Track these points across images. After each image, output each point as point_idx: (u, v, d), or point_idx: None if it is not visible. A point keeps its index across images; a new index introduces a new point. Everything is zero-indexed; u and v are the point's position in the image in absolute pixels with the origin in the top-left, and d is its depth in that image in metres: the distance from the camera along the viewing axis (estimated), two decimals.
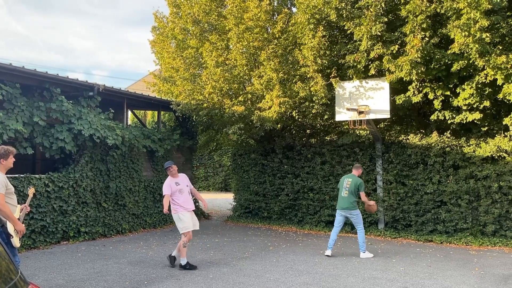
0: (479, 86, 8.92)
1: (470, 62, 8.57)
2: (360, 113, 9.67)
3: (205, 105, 11.47)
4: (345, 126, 12.10)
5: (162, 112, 13.76)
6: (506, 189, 9.17)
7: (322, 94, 9.93)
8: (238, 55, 10.99)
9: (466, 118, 9.34)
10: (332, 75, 9.96)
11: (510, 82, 8.40)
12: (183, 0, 13.10)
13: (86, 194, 9.71)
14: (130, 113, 16.09)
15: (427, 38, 8.64)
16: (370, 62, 9.47)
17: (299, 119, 12.39)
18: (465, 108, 9.30)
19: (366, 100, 9.81)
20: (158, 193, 11.96)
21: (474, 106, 9.18)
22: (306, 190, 11.81)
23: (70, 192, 9.34)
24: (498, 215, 9.22)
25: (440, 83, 9.53)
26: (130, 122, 21.24)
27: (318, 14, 9.81)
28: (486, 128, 9.80)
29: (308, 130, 13.00)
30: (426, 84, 9.57)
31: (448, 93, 9.44)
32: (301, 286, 5.94)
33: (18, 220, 4.76)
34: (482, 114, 9.22)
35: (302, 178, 11.96)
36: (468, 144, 9.78)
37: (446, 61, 8.89)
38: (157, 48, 14.55)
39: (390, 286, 5.99)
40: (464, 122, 9.54)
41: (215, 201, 19.50)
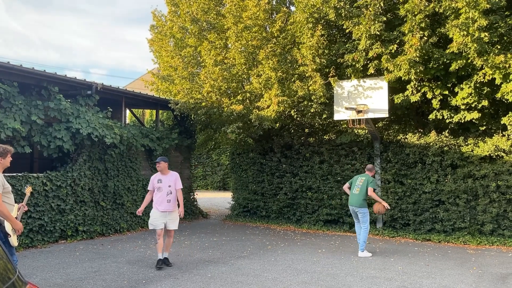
0: (478, 85, 8.93)
1: (469, 61, 8.58)
2: (358, 112, 9.68)
3: (203, 104, 11.46)
4: (343, 125, 12.11)
5: (160, 111, 13.75)
6: (504, 188, 9.19)
7: (321, 93, 9.93)
8: (237, 54, 10.98)
9: (464, 117, 9.36)
10: (330, 74, 9.96)
11: (508, 81, 8.41)
12: None
13: (84, 193, 9.69)
14: (128, 112, 16.07)
15: (426, 38, 8.64)
16: (368, 61, 9.47)
17: (298, 118, 12.40)
18: (463, 107, 9.32)
19: (364, 99, 9.81)
20: None
21: (472, 105, 9.19)
22: (305, 189, 11.82)
23: (68, 191, 9.32)
24: (496, 214, 9.24)
25: (438, 83, 9.55)
26: (128, 121, 21.22)
27: (317, 13, 9.80)
28: (484, 127, 9.82)
29: (306, 129, 12.99)
30: (424, 83, 9.58)
31: (446, 92, 9.45)
32: (299, 285, 5.95)
33: (15, 219, 4.75)
34: (480, 114, 9.24)
35: (300, 177, 11.97)
36: (466, 143, 9.80)
37: (445, 60, 8.90)
38: (155, 46, 14.53)
39: (388, 285, 6.00)
40: (462, 122, 9.56)
41: (213, 200, 19.50)
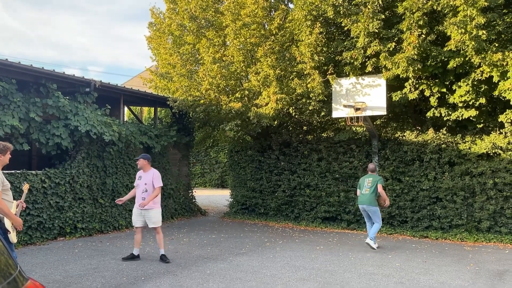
0: (475, 83, 8.97)
1: (466, 59, 8.61)
2: (356, 109, 9.71)
3: (202, 101, 11.46)
4: (341, 123, 12.14)
5: (158, 108, 13.74)
6: (501, 185, 9.24)
7: (319, 91, 9.95)
8: (235, 52, 10.98)
9: (462, 115, 9.40)
10: (329, 72, 9.98)
11: (505, 79, 8.45)
12: None
13: (83, 190, 9.70)
14: (126, 109, 16.06)
15: (424, 35, 8.67)
16: (367, 59, 9.49)
17: (296, 116, 12.42)
18: (461, 105, 9.36)
19: (362, 97, 9.84)
20: None
21: (470, 103, 9.23)
22: (303, 186, 11.85)
23: (67, 188, 9.33)
24: (493, 212, 9.29)
25: (436, 80, 9.58)
26: (126, 119, 21.19)
27: (315, 10, 9.81)
28: (482, 125, 9.86)
29: (304, 127, 13.02)
30: (422, 81, 9.61)
31: (444, 90, 9.49)
32: (298, 282, 5.98)
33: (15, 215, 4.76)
34: (477, 111, 9.28)
35: (298, 175, 12.00)
36: (463, 141, 9.84)
37: (443, 58, 8.93)
38: (153, 44, 14.51)
39: (386, 281, 6.04)
40: (460, 119, 9.61)
41: (212, 197, 19.53)
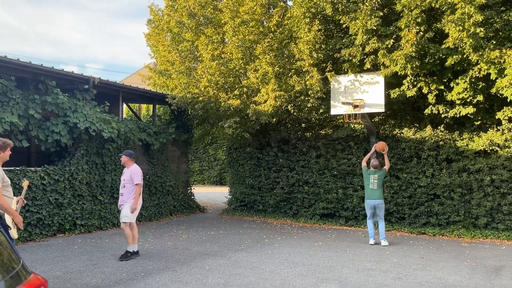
0: (473, 80, 9.01)
1: (464, 56, 8.65)
2: (355, 107, 9.74)
3: (200, 98, 11.48)
4: (340, 120, 12.18)
5: (157, 105, 13.76)
6: (498, 182, 9.30)
7: (318, 88, 9.98)
8: (234, 49, 11.00)
9: (460, 112, 9.45)
10: (327, 69, 10.01)
11: (503, 76, 8.49)
12: None
13: (82, 187, 9.72)
14: (125, 106, 16.06)
15: (422, 33, 8.70)
16: (365, 56, 9.52)
17: (295, 113, 12.45)
18: (458, 102, 9.40)
19: (361, 94, 9.88)
20: (154, 186, 11.99)
21: (468, 100, 9.28)
22: (301, 183, 11.90)
23: (66, 185, 9.35)
24: (490, 208, 9.35)
25: (434, 78, 9.62)
26: (125, 116, 21.19)
27: (314, 8, 9.84)
28: (479, 122, 9.92)
29: (303, 124, 13.06)
30: (420, 78, 9.65)
31: (442, 87, 9.53)
32: (296, 277, 6.03)
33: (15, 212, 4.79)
34: (475, 108, 9.33)
35: (297, 172, 12.04)
36: (461, 138, 9.89)
37: (441, 55, 8.97)
38: (152, 41, 14.51)
39: (384, 277, 6.09)
40: (457, 116, 9.65)
41: (210, 194, 19.57)
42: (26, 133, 8.93)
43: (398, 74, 9.26)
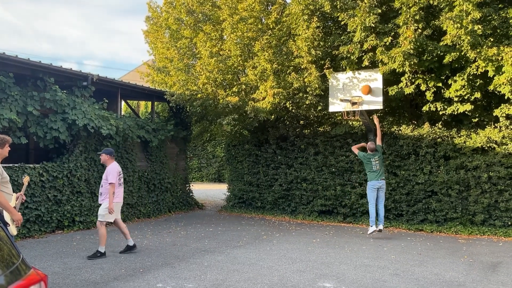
0: (471, 77, 9.03)
1: (462, 54, 8.67)
2: (353, 104, 9.75)
3: (199, 95, 11.49)
4: (338, 117, 12.19)
5: (156, 102, 13.76)
6: (496, 179, 9.34)
7: (316, 85, 9.99)
8: (232, 46, 11.00)
9: (458, 109, 9.47)
10: (326, 66, 10.02)
11: (500, 73, 8.51)
12: None
13: (81, 183, 9.74)
14: (123, 103, 16.05)
15: (420, 30, 8.71)
16: (363, 54, 9.53)
17: (293, 110, 12.44)
18: (456, 99, 9.43)
19: (359, 91, 9.88)
20: (152, 183, 12.01)
21: (465, 97, 9.30)
22: (299, 180, 11.93)
23: (65, 181, 9.37)
24: (487, 205, 9.40)
25: (432, 75, 9.64)
26: (123, 113, 21.17)
27: (312, 5, 9.83)
28: (477, 119, 9.95)
29: (301, 121, 13.07)
30: (418, 75, 9.67)
31: (440, 84, 9.55)
32: (294, 273, 6.06)
33: (14, 208, 4.80)
34: (473, 106, 9.35)
35: (295, 169, 12.07)
36: (459, 135, 9.93)
37: (439, 52, 8.98)
38: (150, 38, 14.50)
39: (381, 273, 6.13)
40: (455, 114, 9.68)
41: (209, 191, 19.60)
42: (25, 130, 8.94)
43: (396, 71, 9.27)
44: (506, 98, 8.84)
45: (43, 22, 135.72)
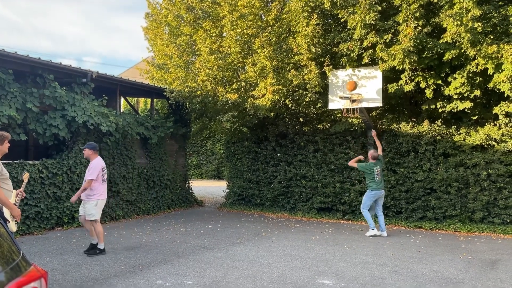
0: (470, 75, 9.04)
1: (462, 51, 8.67)
2: (352, 101, 9.75)
3: (198, 92, 11.48)
4: (337, 115, 12.20)
5: (155, 99, 13.74)
6: (495, 176, 9.35)
7: (316, 83, 9.99)
8: (232, 43, 10.98)
9: (457, 107, 9.48)
10: (325, 64, 10.01)
11: (500, 71, 8.52)
12: None
13: (80, 180, 9.72)
14: (122, 100, 16.04)
15: (420, 27, 8.71)
16: (363, 51, 9.53)
17: (293, 107, 12.46)
18: (456, 97, 9.43)
19: (359, 88, 9.87)
20: (152, 180, 12.02)
21: (465, 95, 9.31)
22: (299, 177, 11.94)
23: (64, 178, 9.36)
24: (486, 202, 9.41)
25: (432, 72, 9.64)
26: (122, 110, 21.16)
27: (312, 2, 9.81)
28: (476, 117, 9.96)
29: (301, 118, 13.07)
30: (418, 73, 9.67)
31: (439, 82, 9.56)
32: (293, 270, 6.07)
33: (14, 205, 4.80)
34: (472, 103, 9.36)
35: (294, 166, 12.08)
36: (458, 132, 9.93)
37: (438, 50, 8.99)
38: (150, 35, 14.46)
39: (381, 270, 6.14)
40: (455, 111, 9.69)
41: (208, 188, 19.61)
42: (24, 126, 8.93)
43: (396, 68, 9.27)
44: (505, 95, 8.85)
45: (43, 19, 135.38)
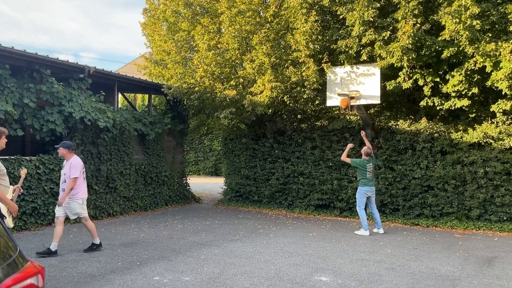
0: (468, 73, 9.04)
1: (460, 49, 8.66)
2: (351, 98, 9.75)
3: (196, 89, 11.45)
4: (335, 112, 12.20)
5: (153, 95, 13.70)
6: (492, 174, 9.38)
7: (314, 79, 9.97)
8: (230, 39, 10.94)
9: (455, 104, 9.48)
10: (324, 60, 9.99)
11: (498, 69, 8.52)
12: None
13: None
14: (120, 96, 15.97)
15: (419, 25, 8.69)
16: (361, 48, 9.51)
17: (291, 104, 12.44)
18: (454, 94, 9.43)
19: (357, 85, 9.88)
20: (149, 176, 12.00)
21: (463, 92, 9.31)
22: (296, 174, 11.94)
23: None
24: (483, 200, 9.44)
25: (430, 70, 9.64)
26: (120, 105, 21.09)
27: None
28: (474, 114, 9.97)
29: (299, 115, 13.06)
30: (416, 70, 9.67)
31: (437, 79, 9.56)
32: (291, 267, 6.08)
33: (11, 200, 4.78)
34: (470, 101, 9.36)
35: (292, 163, 12.08)
36: (456, 130, 9.95)
37: (437, 47, 8.98)
38: (148, 30, 14.41)
39: (378, 267, 6.16)
40: (452, 109, 9.69)
41: (205, 185, 19.60)
42: (21, 122, 8.89)
43: (394, 66, 9.26)
44: (503, 93, 8.86)
45: (40, 14, 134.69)
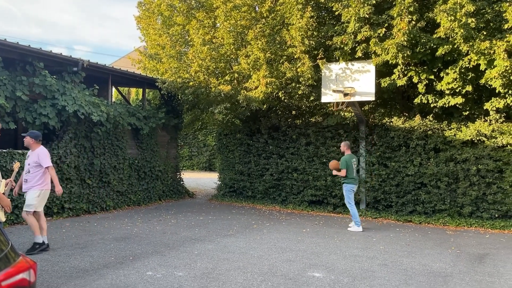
0: (463, 71, 9.08)
1: (455, 47, 8.70)
2: (345, 95, 9.76)
3: (191, 83, 11.40)
4: (330, 108, 12.21)
5: (147, 89, 13.63)
6: (484, 172, 9.45)
7: (309, 75, 9.97)
8: (225, 34, 10.90)
9: (449, 102, 9.54)
10: (319, 57, 9.99)
11: (492, 67, 8.56)
12: None
13: (70, 170, 9.65)
14: (114, 90, 15.87)
15: (414, 22, 8.71)
16: (357, 45, 9.52)
17: (285, 100, 12.45)
18: (448, 92, 9.48)
19: (352, 82, 9.89)
20: (143, 171, 11.95)
21: (457, 90, 9.36)
22: (290, 170, 11.96)
23: (54, 168, 9.25)
24: (475, 197, 9.52)
25: (424, 67, 9.67)
26: (114, 99, 20.96)
27: None
28: (468, 112, 10.03)
29: (293, 111, 13.06)
30: (411, 67, 9.69)
31: (432, 77, 9.60)
32: (284, 263, 6.10)
33: (3, 194, 4.74)
34: (464, 99, 9.42)
35: (286, 159, 12.09)
36: (449, 128, 10.00)
37: (432, 45, 9.01)
38: (142, 24, 14.32)
39: (370, 263, 6.19)
40: (446, 106, 9.75)
41: (199, 180, 19.58)
42: (13, 115, 8.80)
43: (389, 63, 9.28)
44: (497, 91, 8.91)
45: (33, 6, 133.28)
